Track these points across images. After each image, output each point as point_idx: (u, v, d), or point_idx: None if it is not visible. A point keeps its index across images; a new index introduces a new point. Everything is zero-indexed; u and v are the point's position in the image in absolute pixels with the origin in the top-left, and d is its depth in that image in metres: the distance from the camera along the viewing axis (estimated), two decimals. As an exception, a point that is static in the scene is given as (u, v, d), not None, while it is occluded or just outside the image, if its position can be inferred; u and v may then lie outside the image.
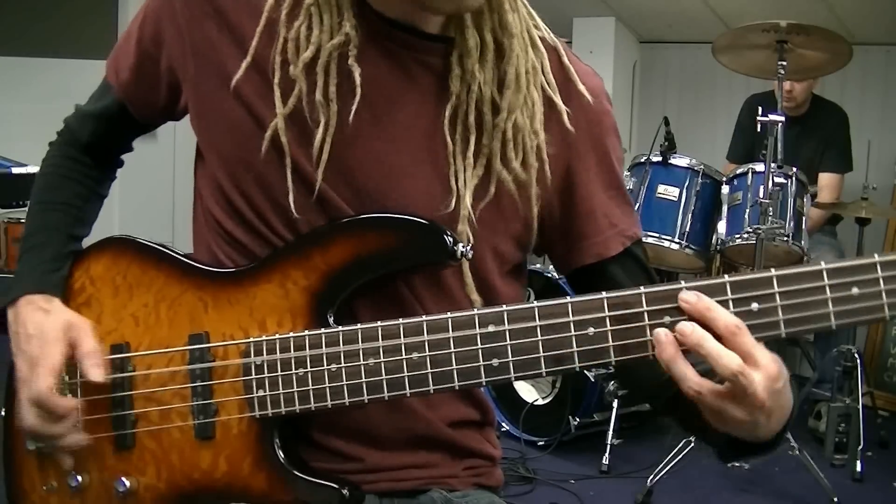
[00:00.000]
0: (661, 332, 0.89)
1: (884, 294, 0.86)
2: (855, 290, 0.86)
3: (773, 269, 0.88)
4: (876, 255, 0.86)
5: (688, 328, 0.88)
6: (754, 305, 0.89)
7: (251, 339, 1.04)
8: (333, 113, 1.04)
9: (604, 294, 0.93)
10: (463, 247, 1.03)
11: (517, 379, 0.96)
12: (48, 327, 1.09)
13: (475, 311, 0.97)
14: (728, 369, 0.85)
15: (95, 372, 1.06)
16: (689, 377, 0.87)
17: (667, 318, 0.91)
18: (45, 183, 1.24)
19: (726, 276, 0.90)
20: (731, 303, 0.89)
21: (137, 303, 1.11)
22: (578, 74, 1.14)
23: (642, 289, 0.92)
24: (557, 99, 1.11)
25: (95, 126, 1.23)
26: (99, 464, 1.09)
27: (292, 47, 1.05)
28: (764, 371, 0.87)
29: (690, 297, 0.89)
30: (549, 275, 3.46)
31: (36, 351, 1.07)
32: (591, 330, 0.93)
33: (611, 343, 0.92)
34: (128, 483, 1.07)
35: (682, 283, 0.91)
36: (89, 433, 1.09)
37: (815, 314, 0.87)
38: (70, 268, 1.16)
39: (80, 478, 1.09)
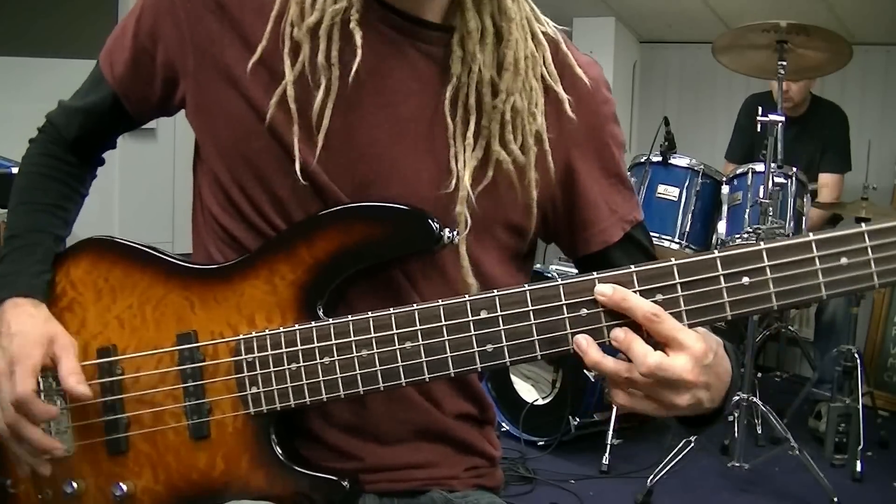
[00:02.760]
0: (582, 339, 0.91)
1: (872, 263, 0.87)
2: (844, 260, 0.87)
3: (762, 243, 0.89)
4: (863, 225, 0.87)
5: (620, 335, 0.90)
6: (745, 280, 0.89)
7: (242, 336, 1.03)
8: (335, 77, 1.04)
9: (594, 275, 0.93)
10: (450, 232, 1.03)
11: (513, 363, 0.96)
12: (31, 330, 1.08)
13: (467, 298, 0.96)
14: (645, 366, 0.88)
15: (82, 389, 1.05)
16: (621, 369, 0.90)
17: (583, 311, 0.92)
18: (29, 182, 1.21)
19: (716, 251, 0.90)
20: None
21: (122, 305, 1.09)
22: (578, 64, 1.15)
23: (595, 274, 0.93)
24: (558, 88, 1.11)
25: (84, 121, 1.21)
26: (94, 469, 1.08)
27: (297, 11, 1.05)
28: (689, 353, 0.88)
29: (606, 290, 0.91)
30: (550, 275, 3.45)
31: (15, 349, 1.06)
32: (584, 311, 0.93)
33: (603, 323, 0.93)
34: (125, 487, 1.06)
35: (595, 275, 0.92)
36: (81, 439, 1.08)
37: (806, 285, 0.88)
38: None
39: (75, 484, 1.08)
